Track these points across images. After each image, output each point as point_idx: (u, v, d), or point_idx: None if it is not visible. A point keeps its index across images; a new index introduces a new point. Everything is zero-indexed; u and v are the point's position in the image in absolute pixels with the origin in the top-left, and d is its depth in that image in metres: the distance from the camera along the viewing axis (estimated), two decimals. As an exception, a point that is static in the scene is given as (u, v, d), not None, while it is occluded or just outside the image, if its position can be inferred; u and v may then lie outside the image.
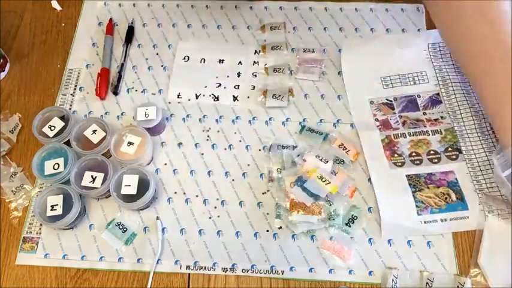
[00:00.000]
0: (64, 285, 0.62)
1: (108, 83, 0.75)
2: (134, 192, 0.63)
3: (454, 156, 0.67)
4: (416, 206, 0.63)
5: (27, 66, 0.78)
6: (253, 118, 0.72)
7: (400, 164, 0.67)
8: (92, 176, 0.64)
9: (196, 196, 0.67)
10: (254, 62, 0.76)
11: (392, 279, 0.59)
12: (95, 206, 0.67)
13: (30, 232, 0.65)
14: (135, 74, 0.77)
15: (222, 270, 0.62)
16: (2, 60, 0.76)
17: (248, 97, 0.74)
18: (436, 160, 0.67)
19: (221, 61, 0.77)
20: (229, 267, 0.62)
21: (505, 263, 0.59)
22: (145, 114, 0.68)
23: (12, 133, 0.71)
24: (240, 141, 0.70)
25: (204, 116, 0.72)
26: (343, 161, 0.66)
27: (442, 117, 0.70)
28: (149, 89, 0.75)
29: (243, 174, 0.68)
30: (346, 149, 0.67)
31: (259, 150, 0.69)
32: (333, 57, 0.76)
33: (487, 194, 0.63)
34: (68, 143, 0.67)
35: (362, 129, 0.70)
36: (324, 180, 0.63)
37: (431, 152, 0.67)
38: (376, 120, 0.70)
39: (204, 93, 0.74)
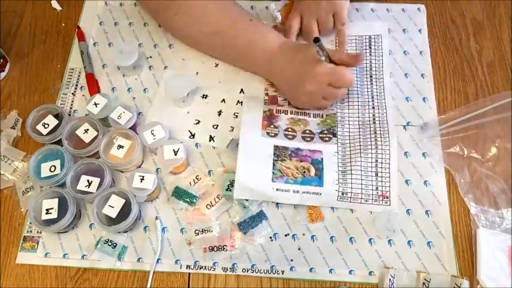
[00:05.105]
0: (64, 285, 0.62)
1: (96, 87, 0.75)
2: (114, 215, 0.61)
3: (327, 138, 0.69)
4: (273, 173, 0.66)
5: (27, 66, 0.78)
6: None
7: (273, 134, 0.68)
8: (88, 181, 0.63)
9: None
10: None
11: (390, 279, 0.59)
12: (90, 209, 0.65)
13: (31, 231, 0.65)
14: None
15: (222, 270, 0.62)
16: (2, 60, 0.76)
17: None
18: (308, 139, 0.69)
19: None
20: (229, 267, 0.62)
21: (504, 277, 0.59)
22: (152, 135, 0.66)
23: (14, 128, 0.71)
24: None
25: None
26: None
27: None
28: (150, 89, 0.75)
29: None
30: None
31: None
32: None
33: (478, 208, 0.63)
34: (60, 142, 0.67)
35: (247, 101, 0.71)
36: None
37: (307, 131, 0.69)
38: (266, 94, 0.73)
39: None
